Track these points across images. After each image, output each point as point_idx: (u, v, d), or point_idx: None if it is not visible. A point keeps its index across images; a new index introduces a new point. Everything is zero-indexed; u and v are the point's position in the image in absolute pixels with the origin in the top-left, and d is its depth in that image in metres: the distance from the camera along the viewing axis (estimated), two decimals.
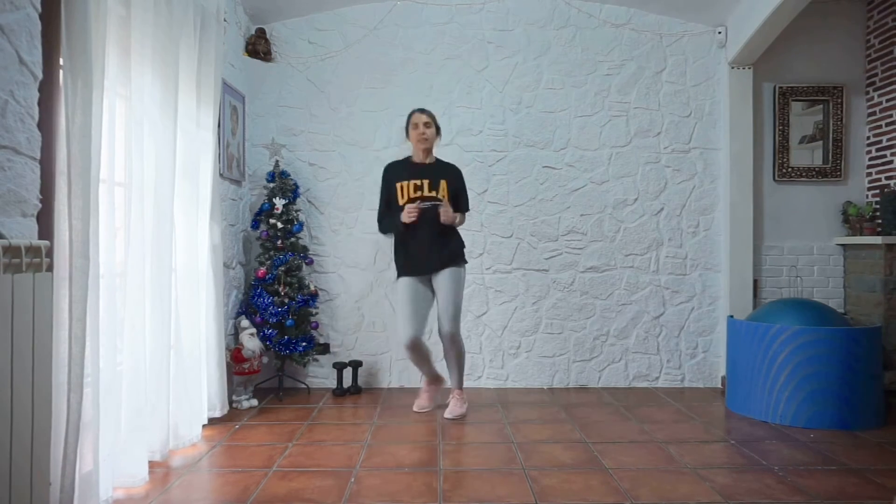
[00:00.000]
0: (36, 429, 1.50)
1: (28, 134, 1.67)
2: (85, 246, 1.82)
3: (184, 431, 2.68)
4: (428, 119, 3.17)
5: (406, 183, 3.12)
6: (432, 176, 3.14)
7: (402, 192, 3.12)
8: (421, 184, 3.12)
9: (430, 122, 3.17)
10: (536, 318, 3.91)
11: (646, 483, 2.29)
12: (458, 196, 3.22)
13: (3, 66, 1.57)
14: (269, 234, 3.56)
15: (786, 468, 2.46)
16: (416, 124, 3.16)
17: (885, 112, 3.79)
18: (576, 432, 2.93)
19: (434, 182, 3.12)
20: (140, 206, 2.33)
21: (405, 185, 3.12)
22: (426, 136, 3.15)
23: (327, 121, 3.91)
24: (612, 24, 3.92)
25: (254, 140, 3.88)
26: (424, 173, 3.15)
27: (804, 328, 3.05)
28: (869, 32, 3.91)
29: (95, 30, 1.88)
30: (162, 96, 2.47)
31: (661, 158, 3.92)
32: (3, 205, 1.58)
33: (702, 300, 3.92)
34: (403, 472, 2.41)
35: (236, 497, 2.16)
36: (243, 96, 3.74)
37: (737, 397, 3.30)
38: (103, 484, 2.00)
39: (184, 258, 2.77)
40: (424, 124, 3.15)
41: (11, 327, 1.41)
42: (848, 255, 3.90)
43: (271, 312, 3.41)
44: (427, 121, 3.16)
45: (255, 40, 3.79)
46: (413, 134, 3.18)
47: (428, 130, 3.16)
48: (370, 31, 3.90)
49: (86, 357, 1.83)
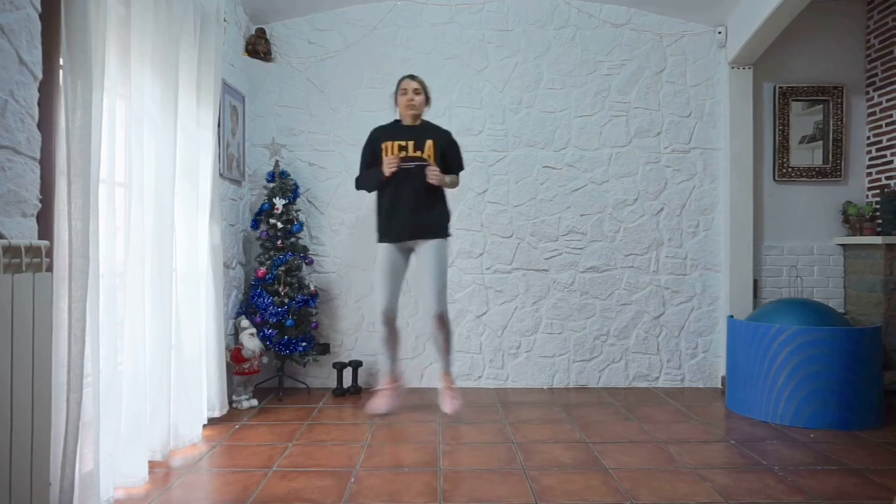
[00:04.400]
0: (36, 429, 1.50)
1: (28, 134, 1.67)
2: (85, 246, 1.82)
3: (184, 431, 2.68)
4: (418, 86, 3.14)
5: (391, 143, 3.09)
6: (418, 136, 3.11)
7: (387, 152, 3.09)
8: (406, 144, 3.08)
9: (419, 89, 3.14)
10: (536, 318, 3.91)
11: (646, 483, 2.29)
12: (448, 156, 3.16)
13: (3, 66, 1.57)
14: (269, 234, 3.56)
15: (786, 468, 2.46)
16: (406, 90, 3.13)
17: (885, 112, 3.79)
18: (576, 432, 2.93)
19: (420, 142, 3.08)
20: (140, 206, 2.33)
21: (389, 144, 3.09)
22: (414, 102, 3.12)
23: (327, 121, 3.91)
24: (611, 24, 3.92)
25: (254, 140, 3.88)
26: (410, 133, 3.12)
27: (804, 328, 3.05)
28: (869, 32, 3.91)
29: (95, 30, 1.88)
30: (162, 96, 2.47)
31: (661, 158, 3.92)
32: (3, 205, 1.58)
33: (702, 300, 3.92)
34: (403, 472, 2.41)
35: (236, 497, 2.16)
36: (243, 96, 3.74)
37: (737, 397, 3.30)
38: (103, 484, 2.00)
39: (184, 258, 2.77)
40: (414, 91, 3.13)
41: (11, 327, 1.41)
42: (848, 255, 3.90)
43: (271, 312, 3.41)
44: (416, 87, 3.13)
45: (255, 40, 3.79)
46: (401, 100, 3.15)
47: (417, 97, 3.13)
48: (370, 31, 3.90)
49: (86, 357, 1.83)
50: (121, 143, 2.22)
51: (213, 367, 2.99)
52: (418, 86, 3.14)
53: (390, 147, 3.09)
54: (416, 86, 3.14)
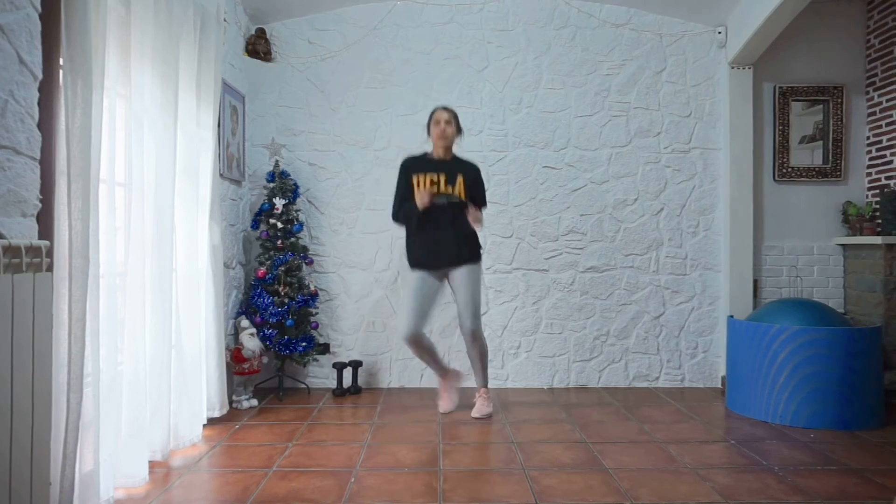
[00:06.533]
0: (36, 429, 1.50)
1: (28, 134, 1.67)
2: (85, 246, 1.82)
3: (184, 431, 2.68)
4: (449, 117, 3.18)
5: (422, 175, 3.13)
6: (449, 170, 3.14)
7: (419, 184, 3.13)
8: (437, 178, 3.12)
9: (450, 120, 3.18)
10: (536, 318, 3.91)
11: (646, 483, 2.29)
12: (475, 192, 3.21)
13: (3, 66, 1.57)
14: (269, 234, 3.56)
15: (786, 468, 2.46)
16: (438, 121, 3.17)
17: (885, 112, 3.79)
18: (576, 432, 2.93)
19: (450, 176, 3.13)
20: (140, 206, 2.33)
21: (421, 177, 3.13)
22: (447, 133, 3.16)
23: (327, 121, 3.91)
24: (611, 24, 3.92)
25: (254, 140, 3.88)
26: (441, 168, 3.16)
27: (804, 328, 3.05)
28: (869, 32, 3.91)
29: (95, 30, 1.88)
30: (162, 96, 2.47)
31: (661, 158, 3.92)
32: (3, 205, 1.58)
33: (702, 300, 3.92)
34: (403, 472, 2.41)
35: (236, 497, 2.16)
36: (243, 96, 3.74)
37: (737, 397, 3.30)
38: (104, 484, 2.00)
39: (184, 258, 2.77)
40: (446, 122, 3.16)
41: (11, 327, 1.41)
42: (848, 255, 3.90)
43: (271, 312, 3.41)
44: (448, 119, 3.17)
45: (255, 40, 3.79)
46: (434, 131, 3.18)
47: (448, 128, 3.17)
48: (370, 31, 3.90)
49: (86, 357, 1.83)
50: (121, 144, 2.22)
51: (213, 366, 2.99)
52: (450, 117, 3.18)
53: (422, 180, 3.12)
54: (448, 117, 3.18)
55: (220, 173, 3.28)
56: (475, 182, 3.22)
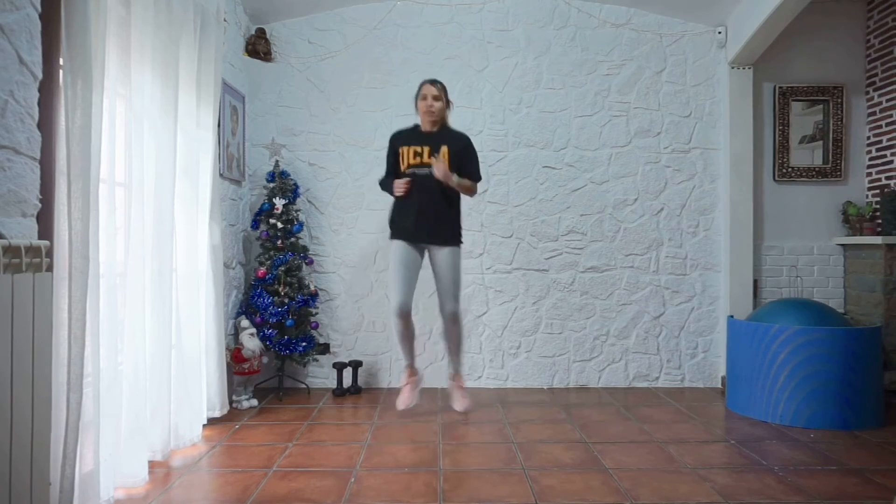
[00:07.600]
0: (36, 428, 1.50)
1: (28, 134, 1.67)
2: (85, 246, 1.82)
3: (184, 431, 2.68)
4: (437, 92, 3.13)
5: (408, 148, 3.12)
6: (434, 143, 3.11)
7: (404, 157, 3.12)
8: (421, 150, 3.10)
9: (439, 95, 3.14)
10: (536, 318, 3.91)
11: (646, 483, 2.29)
12: (462, 162, 3.14)
13: (3, 66, 1.57)
14: (269, 234, 3.56)
15: (786, 468, 2.46)
16: (425, 96, 3.13)
17: (885, 112, 3.79)
18: (576, 432, 2.93)
19: (435, 148, 3.09)
20: (140, 206, 2.33)
21: (406, 150, 3.12)
22: (433, 108, 3.13)
23: (327, 121, 3.91)
24: (612, 24, 3.92)
25: (254, 140, 3.88)
26: (427, 140, 3.13)
27: (804, 328, 3.05)
28: (869, 32, 3.91)
29: (95, 30, 1.88)
30: (162, 96, 2.47)
31: (661, 158, 3.92)
32: (3, 205, 1.58)
33: (702, 300, 3.92)
34: (403, 472, 2.41)
35: (236, 497, 2.16)
36: (243, 96, 3.74)
37: (737, 397, 3.30)
38: (104, 484, 2.00)
39: (184, 258, 2.77)
40: (433, 97, 3.12)
41: (11, 327, 1.41)
42: (848, 255, 3.90)
43: (271, 312, 3.41)
44: (436, 94, 3.13)
45: (255, 40, 3.79)
46: (420, 105, 3.15)
47: (436, 103, 3.13)
48: (370, 31, 3.90)
49: (86, 357, 1.83)
50: (121, 144, 2.22)
51: (213, 366, 2.99)
52: (438, 91, 3.14)
53: (407, 153, 3.11)
54: (436, 91, 3.13)
55: (220, 173, 3.28)
56: (461, 153, 3.13)
